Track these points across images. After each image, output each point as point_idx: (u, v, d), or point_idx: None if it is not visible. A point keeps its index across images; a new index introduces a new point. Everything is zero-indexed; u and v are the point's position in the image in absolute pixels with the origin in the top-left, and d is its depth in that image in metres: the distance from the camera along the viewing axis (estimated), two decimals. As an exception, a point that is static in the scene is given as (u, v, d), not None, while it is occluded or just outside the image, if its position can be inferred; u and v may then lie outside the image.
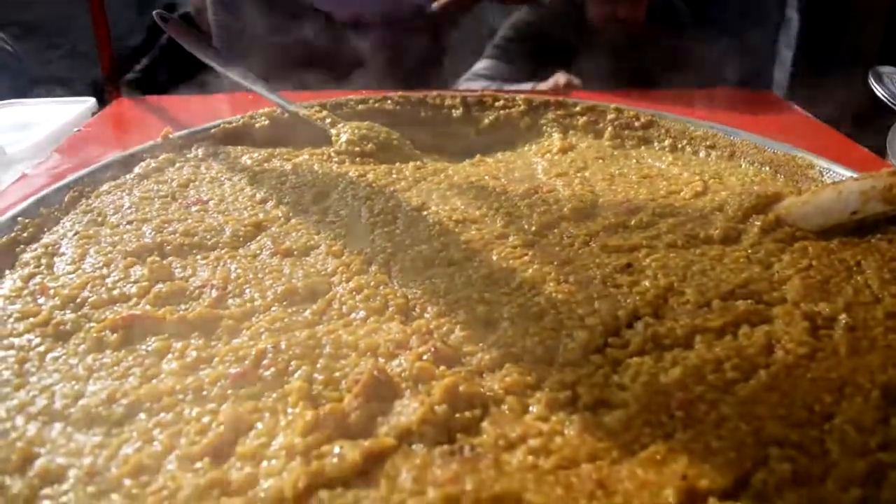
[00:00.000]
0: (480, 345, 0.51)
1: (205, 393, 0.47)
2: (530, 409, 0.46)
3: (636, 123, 0.98)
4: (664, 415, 0.45)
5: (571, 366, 0.50)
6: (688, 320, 0.54)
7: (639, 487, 0.39)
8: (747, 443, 0.43)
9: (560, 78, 1.50)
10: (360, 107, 1.02)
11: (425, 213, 0.72)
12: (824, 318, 0.56)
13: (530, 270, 0.61)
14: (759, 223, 0.69)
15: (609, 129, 0.98)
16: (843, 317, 0.55)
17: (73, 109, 1.11)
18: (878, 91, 1.26)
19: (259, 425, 0.44)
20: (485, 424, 0.44)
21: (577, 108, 1.01)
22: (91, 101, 1.15)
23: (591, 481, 0.40)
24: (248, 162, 0.85)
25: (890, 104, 1.22)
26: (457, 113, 1.04)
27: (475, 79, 1.85)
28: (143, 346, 0.52)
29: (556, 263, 0.62)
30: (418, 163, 0.89)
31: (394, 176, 0.82)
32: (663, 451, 0.42)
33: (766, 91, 1.30)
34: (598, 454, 0.42)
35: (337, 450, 0.41)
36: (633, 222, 0.70)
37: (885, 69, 1.32)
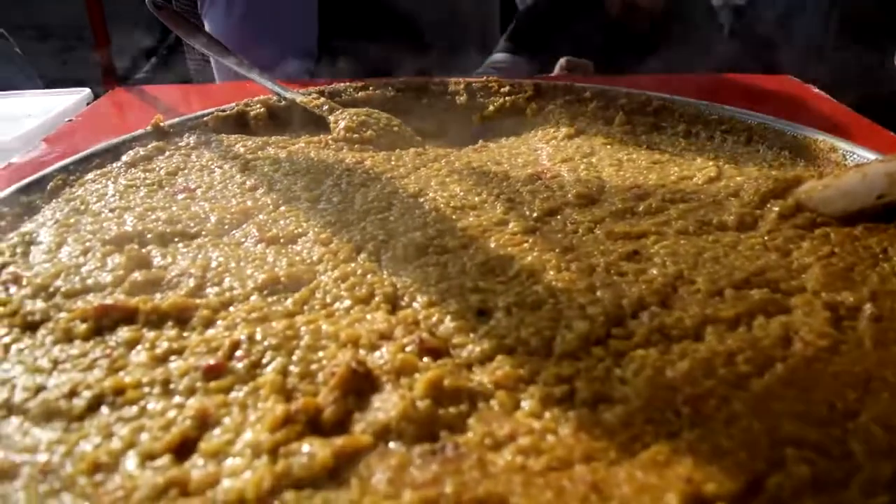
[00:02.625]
0: (471, 336, 0.47)
1: (172, 386, 0.44)
2: (522, 404, 0.42)
3: (648, 108, 0.93)
4: (669, 411, 0.41)
5: (569, 358, 0.46)
6: (698, 310, 0.50)
7: (638, 491, 0.35)
8: (761, 443, 0.38)
9: (562, 61, 1.46)
10: (360, 94, 0.98)
11: (422, 199, 0.69)
12: (847, 308, 0.51)
13: (529, 258, 0.57)
14: (777, 208, 0.64)
15: (619, 114, 0.94)
16: (867, 307, 0.51)
17: (67, 100, 1.08)
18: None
19: (226, 420, 0.41)
20: (471, 421, 0.40)
21: (587, 94, 0.97)
22: (86, 92, 1.12)
23: (584, 484, 0.36)
24: (242, 150, 0.82)
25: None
26: (461, 99, 1.00)
27: (489, 72, 1.81)
28: (113, 337, 0.49)
29: (557, 251, 0.58)
30: (419, 149, 0.85)
31: (392, 162, 0.79)
32: (667, 452, 0.38)
33: (786, 75, 1.24)
34: (594, 454, 0.38)
35: (306, 448, 0.38)
36: (641, 208, 0.66)
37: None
